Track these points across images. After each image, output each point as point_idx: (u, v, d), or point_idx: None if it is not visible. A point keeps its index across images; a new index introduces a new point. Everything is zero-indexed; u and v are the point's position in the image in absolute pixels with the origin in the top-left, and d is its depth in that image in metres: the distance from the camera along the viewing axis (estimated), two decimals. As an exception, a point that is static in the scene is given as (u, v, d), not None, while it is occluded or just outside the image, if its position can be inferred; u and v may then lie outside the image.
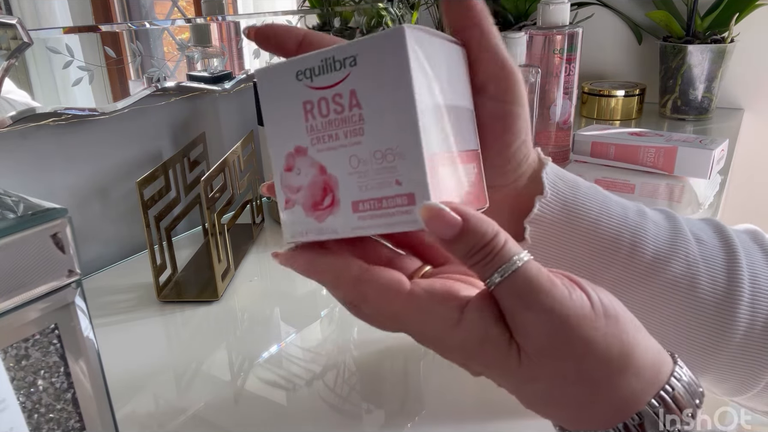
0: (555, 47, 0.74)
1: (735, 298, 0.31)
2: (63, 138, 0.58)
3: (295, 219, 0.26)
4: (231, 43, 0.72)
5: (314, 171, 0.25)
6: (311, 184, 0.25)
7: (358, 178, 0.24)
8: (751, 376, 0.32)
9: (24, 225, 0.24)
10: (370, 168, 0.24)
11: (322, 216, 0.25)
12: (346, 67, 0.24)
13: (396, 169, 0.23)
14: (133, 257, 0.64)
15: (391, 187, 0.24)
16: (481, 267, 0.23)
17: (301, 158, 0.26)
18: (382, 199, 0.24)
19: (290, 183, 0.26)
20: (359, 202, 0.24)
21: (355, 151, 0.24)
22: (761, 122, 1.12)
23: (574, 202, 0.32)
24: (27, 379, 0.25)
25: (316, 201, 0.25)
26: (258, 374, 0.44)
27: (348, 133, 0.24)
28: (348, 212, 0.25)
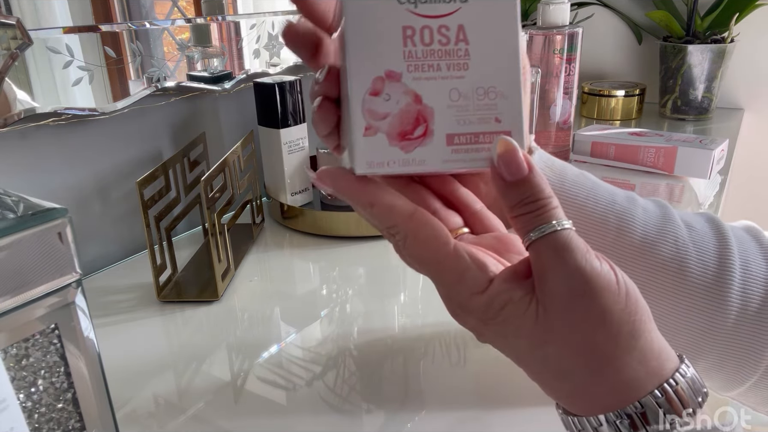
0: (555, 47, 0.74)
1: (725, 281, 0.32)
2: (63, 138, 0.58)
3: (374, 147, 0.25)
4: (231, 43, 0.72)
5: (408, 99, 0.25)
6: (403, 111, 0.25)
7: (457, 111, 0.25)
8: (748, 362, 0.33)
9: (24, 225, 0.24)
10: (470, 103, 0.25)
11: (410, 146, 0.25)
12: (456, 2, 0.24)
13: (496, 107, 0.25)
14: (133, 257, 0.64)
15: (490, 124, 0.25)
16: (529, 218, 0.24)
17: (392, 84, 0.24)
18: (480, 134, 0.25)
19: (375, 108, 0.24)
20: (456, 135, 0.25)
21: (456, 84, 0.25)
22: (761, 122, 1.12)
23: (561, 188, 0.33)
24: (27, 379, 0.25)
25: (406, 130, 0.25)
26: (258, 374, 0.44)
27: (451, 66, 0.25)
28: (441, 144, 0.25)
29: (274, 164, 0.69)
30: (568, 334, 0.24)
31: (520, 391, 0.41)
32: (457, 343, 0.47)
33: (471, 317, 0.26)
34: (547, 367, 0.25)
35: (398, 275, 0.60)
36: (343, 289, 0.57)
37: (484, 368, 0.44)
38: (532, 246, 0.24)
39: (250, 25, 0.74)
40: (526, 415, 0.39)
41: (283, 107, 0.67)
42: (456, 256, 0.25)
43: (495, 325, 0.25)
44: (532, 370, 0.26)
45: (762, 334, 0.32)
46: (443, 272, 0.26)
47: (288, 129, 0.68)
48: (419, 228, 0.25)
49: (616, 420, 0.24)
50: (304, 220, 0.68)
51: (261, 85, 0.67)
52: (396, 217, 0.25)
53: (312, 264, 0.63)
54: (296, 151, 0.70)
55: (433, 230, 0.25)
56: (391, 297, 0.55)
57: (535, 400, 0.40)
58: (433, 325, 0.49)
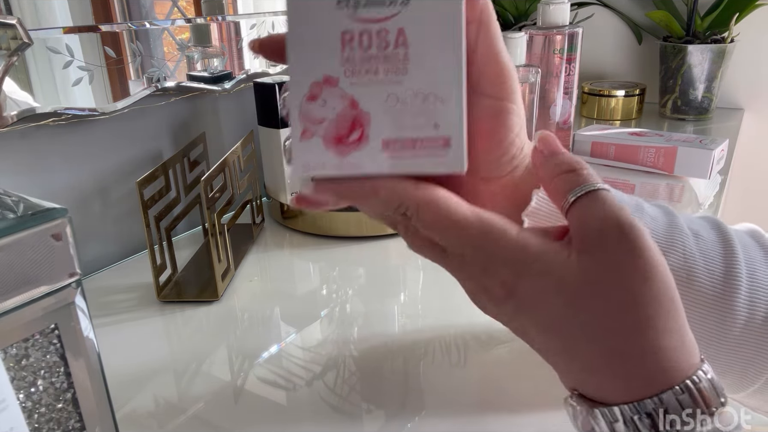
0: (555, 47, 0.74)
1: (733, 291, 0.32)
2: (63, 138, 0.58)
3: (311, 150, 0.25)
4: (231, 43, 0.72)
5: (344, 104, 0.24)
6: (339, 117, 0.25)
7: (394, 117, 0.24)
8: (751, 371, 0.33)
9: (24, 225, 0.24)
10: (408, 108, 0.24)
11: (345, 150, 0.25)
12: (396, 5, 0.24)
13: (435, 113, 0.24)
14: (133, 257, 0.64)
15: (428, 129, 0.24)
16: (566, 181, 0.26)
17: (329, 89, 0.24)
18: (417, 140, 0.25)
19: (312, 113, 0.25)
20: (391, 141, 0.25)
21: (394, 89, 0.24)
22: (761, 122, 1.12)
23: None
24: (27, 379, 0.25)
25: (341, 135, 0.25)
26: (258, 374, 0.44)
27: (389, 70, 0.24)
28: (377, 149, 0.25)
29: (274, 164, 0.69)
30: (613, 286, 0.24)
31: (520, 392, 0.41)
32: (457, 343, 0.47)
33: (498, 276, 0.25)
34: (584, 328, 0.24)
35: (398, 275, 0.60)
36: (343, 289, 0.57)
37: (485, 369, 0.44)
38: (571, 207, 0.25)
39: (250, 25, 0.74)
40: (526, 415, 0.39)
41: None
42: (473, 212, 0.25)
43: (532, 278, 0.25)
44: (562, 335, 0.25)
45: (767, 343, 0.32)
46: (464, 230, 0.25)
47: (288, 129, 0.68)
48: (428, 194, 0.25)
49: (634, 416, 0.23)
50: (304, 220, 0.68)
51: (261, 85, 0.67)
52: (402, 192, 0.25)
53: (312, 264, 0.63)
54: (296, 151, 0.70)
55: (443, 195, 0.25)
56: (391, 297, 0.55)
57: (535, 401, 0.40)
58: (433, 326, 0.49)
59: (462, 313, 0.50)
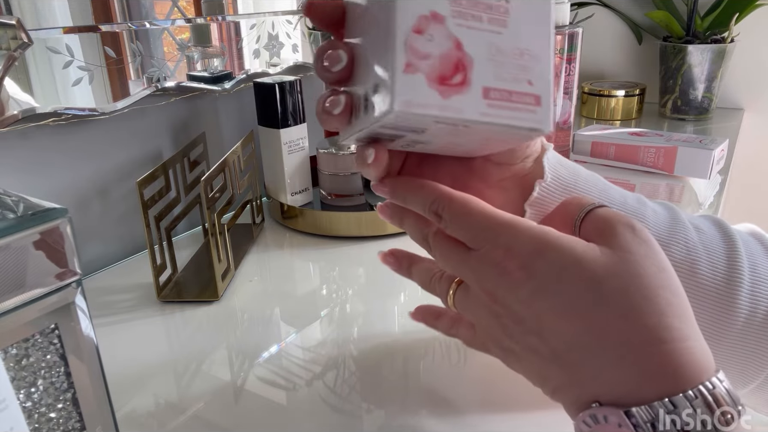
0: (555, 47, 0.74)
1: (735, 284, 0.32)
2: (63, 138, 0.58)
3: (414, 86, 0.23)
4: (231, 43, 0.72)
5: (450, 44, 0.24)
6: (444, 55, 0.24)
7: (495, 66, 0.24)
8: (751, 368, 0.33)
9: (24, 225, 0.24)
10: (507, 60, 0.25)
11: (447, 92, 0.24)
12: None
13: (529, 70, 0.25)
14: (133, 257, 0.64)
15: (523, 85, 0.25)
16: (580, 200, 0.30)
17: (437, 25, 0.24)
18: (513, 92, 0.25)
19: (418, 47, 0.23)
20: (491, 89, 0.24)
21: (495, 39, 0.24)
22: (761, 122, 1.12)
23: (574, 186, 0.33)
24: (27, 379, 0.25)
25: (445, 75, 0.24)
26: (258, 374, 0.44)
27: (492, 20, 0.25)
28: (478, 96, 0.24)
29: (274, 164, 0.69)
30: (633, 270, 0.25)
31: (520, 392, 0.41)
32: (457, 343, 0.47)
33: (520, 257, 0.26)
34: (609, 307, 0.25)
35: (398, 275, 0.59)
36: (343, 289, 0.57)
37: (484, 368, 0.44)
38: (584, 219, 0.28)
39: (250, 25, 0.74)
40: (526, 415, 0.39)
41: (283, 107, 0.67)
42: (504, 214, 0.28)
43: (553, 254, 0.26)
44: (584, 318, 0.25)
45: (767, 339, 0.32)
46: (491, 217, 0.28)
47: (288, 129, 0.68)
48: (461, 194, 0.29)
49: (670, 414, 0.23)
50: (304, 220, 0.68)
51: (261, 85, 0.67)
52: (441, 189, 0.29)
53: (312, 264, 0.63)
54: (296, 151, 0.70)
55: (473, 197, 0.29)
56: (391, 297, 0.55)
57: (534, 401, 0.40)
58: (433, 325, 0.49)
59: (462, 313, 0.50)
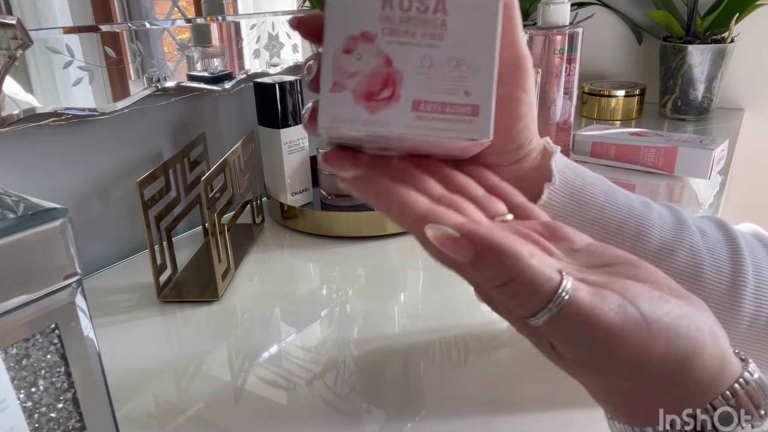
0: (555, 47, 0.74)
1: (739, 287, 0.32)
2: (63, 138, 0.58)
3: (339, 103, 0.25)
4: (231, 43, 0.72)
5: (378, 61, 0.25)
6: (372, 72, 0.25)
7: (427, 79, 0.25)
8: None
9: (24, 225, 0.24)
10: (441, 73, 0.25)
11: (374, 107, 0.25)
12: None
13: (467, 80, 0.25)
14: (133, 257, 0.64)
15: (459, 96, 0.25)
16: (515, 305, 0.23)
17: (365, 44, 0.25)
18: (447, 104, 0.25)
19: (345, 66, 0.25)
20: (422, 102, 0.25)
21: (429, 53, 0.25)
22: (761, 122, 1.12)
23: (582, 190, 0.33)
24: (27, 379, 0.25)
25: (372, 91, 0.25)
26: (258, 374, 0.44)
27: (426, 35, 0.25)
28: (406, 109, 0.25)
29: (274, 164, 0.69)
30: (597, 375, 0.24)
31: (520, 392, 0.41)
32: (457, 343, 0.47)
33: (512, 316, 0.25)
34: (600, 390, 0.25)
35: (398, 275, 0.60)
36: (343, 289, 0.57)
37: (485, 369, 0.44)
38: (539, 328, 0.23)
39: (250, 25, 0.74)
40: (526, 415, 0.39)
41: (283, 107, 0.67)
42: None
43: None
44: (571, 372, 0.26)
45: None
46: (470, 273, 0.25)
47: (288, 129, 0.68)
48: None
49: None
50: (304, 220, 0.68)
51: (261, 85, 0.67)
52: (409, 220, 0.25)
53: (312, 264, 0.63)
54: (296, 151, 0.70)
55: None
56: (391, 297, 0.55)
57: (535, 401, 0.40)
58: (433, 326, 0.49)
59: (462, 313, 0.50)
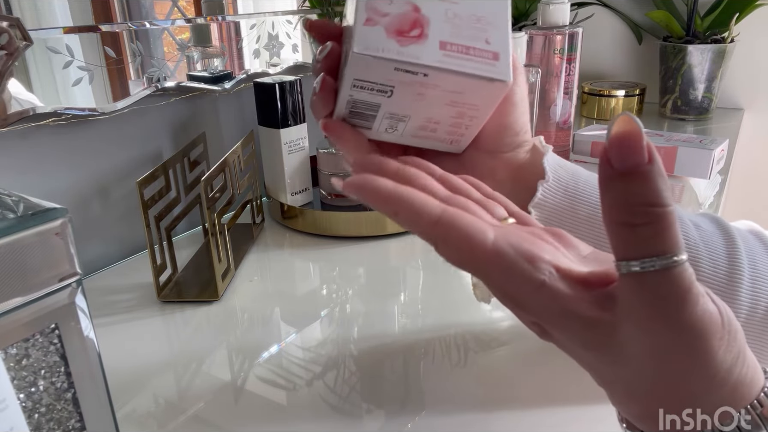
0: (555, 47, 0.74)
1: (735, 281, 0.32)
2: (63, 138, 0.58)
3: (373, 35, 0.26)
4: (231, 43, 0.72)
5: (408, 7, 0.27)
6: (402, 14, 0.26)
7: (452, 26, 0.27)
8: None
9: (24, 225, 0.24)
10: (463, 24, 0.27)
11: (405, 41, 0.26)
12: None
13: (487, 32, 0.27)
14: (133, 257, 0.64)
15: (481, 42, 0.27)
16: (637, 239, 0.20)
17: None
18: (471, 48, 0.27)
19: (378, 7, 0.26)
20: (448, 43, 0.27)
21: (452, 7, 0.27)
22: (761, 122, 1.12)
23: (575, 188, 0.33)
24: (27, 379, 0.25)
25: (403, 29, 0.26)
26: (258, 374, 0.44)
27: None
28: (435, 47, 0.26)
29: (274, 164, 0.69)
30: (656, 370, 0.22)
31: (521, 392, 0.41)
32: (457, 343, 0.47)
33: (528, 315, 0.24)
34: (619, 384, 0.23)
35: (398, 275, 0.60)
36: (343, 289, 0.57)
37: (485, 368, 0.44)
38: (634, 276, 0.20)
39: (250, 25, 0.74)
40: (526, 415, 0.39)
41: (283, 107, 0.67)
42: (497, 253, 0.23)
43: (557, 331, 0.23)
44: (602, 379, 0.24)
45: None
46: (486, 272, 0.23)
47: (288, 129, 0.68)
48: (448, 232, 0.23)
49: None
50: (304, 220, 0.68)
51: (261, 85, 0.67)
52: (421, 225, 0.23)
53: (312, 264, 0.63)
54: (296, 151, 0.70)
55: (464, 231, 0.23)
56: (391, 297, 0.55)
57: (535, 400, 0.40)
58: (433, 325, 0.49)
59: (462, 313, 0.50)
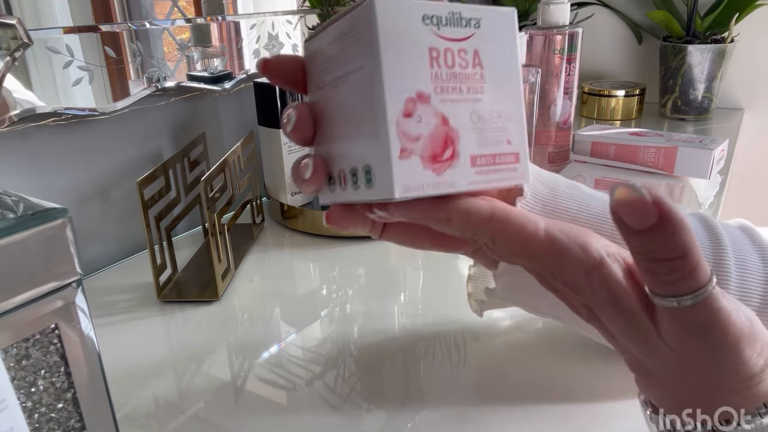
0: (555, 47, 0.74)
1: (721, 282, 0.32)
2: (63, 138, 0.58)
3: (411, 171, 0.24)
4: (231, 43, 0.72)
5: (436, 121, 0.25)
6: (433, 134, 0.25)
7: (478, 134, 0.26)
8: None
9: (24, 225, 0.24)
10: (487, 126, 0.26)
11: (440, 169, 0.25)
12: (471, 27, 0.25)
13: (506, 130, 0.26)
14: (133, 257, 0.64)
15: (503, 146, 0.26)
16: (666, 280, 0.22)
17: (423, 106, 0.24)
18: (497, 155, 0.26)
19: (409, 131, 0.24)
20: (477, 156, 0.26)
21: (475, 107, 0.25)
22: (761, 122, 1.12)
23: (553, 201, 0.33)
24: (27, 379, 0.25)
25: (437, 153, 0.25)
26: (258, 374, 0.44)
27: (470, 89, 0.25)
28: (466, 166, 0.25)
29: (274, 164, 0.69)
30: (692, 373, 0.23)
31: (520, 391, 0.41)
32: (457, 343, 0.47)
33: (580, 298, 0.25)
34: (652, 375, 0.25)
35: (398, 275, 0.60)
36: (343, 289, 0.57)
37: (485, 368, 0.44)
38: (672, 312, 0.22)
39: (250, 25, 0.74)
40: (526, 415, 0.39)
41: (283, 107, 0.67)
42: (550, 241, 0.24)
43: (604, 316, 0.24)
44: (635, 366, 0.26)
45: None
46: (541, 260, 0.25)
47: (288, 129, 0.68)
48: (503, 227, 0.25)
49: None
50: (304, 220, 0.68)
51: (261, 85, 0.67)
52: (475, 225, 0.25)
53: (312, 264, 0.63)
54: (296, 151, 0.70)
55: (517, 224, 0.25)
56: (391, 297, 0.55)
57: (535, 400, 0.40)
58: (433, 325, 0.49)
59: (462, 312, 0.50)
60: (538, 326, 0.48)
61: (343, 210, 0.30)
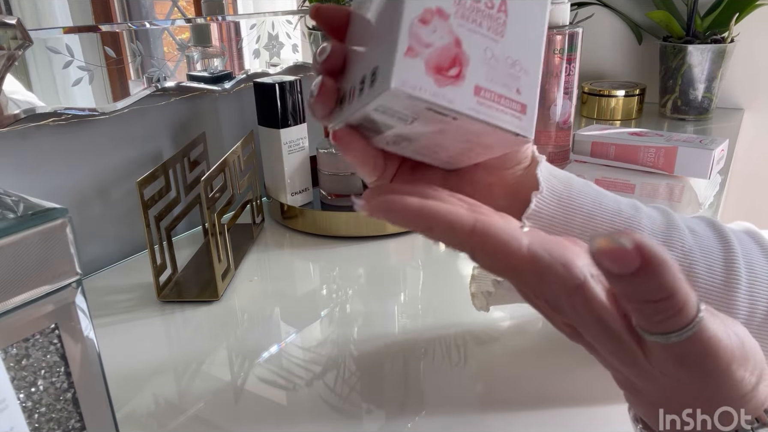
0: (555, 47, 0.74)
1: (733, 285, 0.32)
2: (63, 138, 0.58)
3: (412, 69, 0.24)
4: (231, 43, 0.72)
5: (450, 39, 0.25)
6: (444, 48, 0.25)
7: (488, 69, 0.26)
8: None
9: (24, 225, 0.24)
10: (499, 66, 0.26)
11: (442, 82, 0.25)
12: None
13: (519, 79, 0.26)
14: (133, 257, 0.64)
15: (512, 92, 0.26)
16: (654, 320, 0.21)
17: (440, 21, 0.25)
18: (502, 96, 0.26)
19: (421, 35, 0.25)
20: (483, 89, 0.26)
21: (491, 45, 0.26)
22: (761, 122, 1.12)
23: (569, 197, 0.33)
24: (27, 379, 0.25)
25: (442, 66, 0.25)
26: (258, 374, 0.44)
27: (491, 28, 0.26)
28: (469, 92, 0.25)
29: (274, 164, 0.69)
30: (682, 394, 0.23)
31: (520, 392, 0.41)
32: (457, 343, 0.47)
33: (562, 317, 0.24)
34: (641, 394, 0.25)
35: (398, 275, 0.60)
36: (343, 289, 0.57)
37: (485, 368, 0.44)
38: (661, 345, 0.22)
39: (250, 25, 0.74)
40: (526, 415, 0.39)
41: (283, 107, 0.67)
42: (532, 259, 0.23)
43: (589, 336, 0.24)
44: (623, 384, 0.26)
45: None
46: (522, 276, 0.24)
47: (288, 129, 0.68)
48: (484, 241, 0.23)
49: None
50: (304, 220, 0.68)
51: (261, 85, 0.67)
52: (458, 236, 0.24)
53: (312, 264, 0.63)
54: (296, 151, 0.70)
55: (499, 238, 0.23)
56: (391, 297, 0.55)
57: (534, 401, 0.40)
58: (433, 326, 0.49)
59: (462, 312, 0.50)
60: (539, 327, 0.48)
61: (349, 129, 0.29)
